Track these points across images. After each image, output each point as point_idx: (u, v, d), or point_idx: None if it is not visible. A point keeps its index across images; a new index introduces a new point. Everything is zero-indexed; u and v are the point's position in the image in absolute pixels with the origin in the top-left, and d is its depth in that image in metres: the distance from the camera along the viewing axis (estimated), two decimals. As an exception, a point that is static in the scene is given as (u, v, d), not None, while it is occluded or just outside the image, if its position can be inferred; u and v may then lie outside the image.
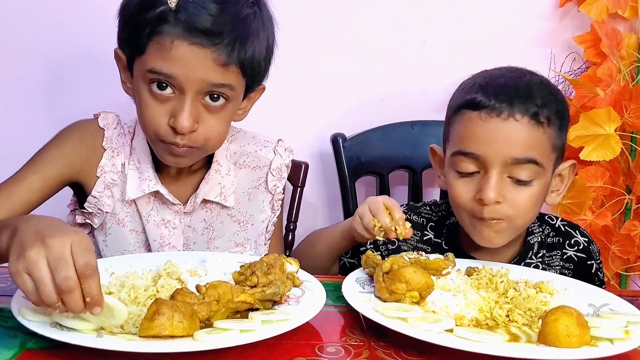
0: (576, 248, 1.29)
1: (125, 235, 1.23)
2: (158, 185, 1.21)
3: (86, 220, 1.23)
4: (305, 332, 0.89)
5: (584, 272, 1.28)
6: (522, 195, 1.14)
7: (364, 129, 1.73)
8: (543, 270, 1.26)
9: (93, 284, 0.76)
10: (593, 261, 1.29)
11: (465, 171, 1.16)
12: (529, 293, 0.99)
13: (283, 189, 1.35)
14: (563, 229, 1.31)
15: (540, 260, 1.28)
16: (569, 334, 0.83)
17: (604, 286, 1.29)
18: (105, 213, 1.21)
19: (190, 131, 1.09)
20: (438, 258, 1.06)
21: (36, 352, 0.80)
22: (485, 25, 1.79)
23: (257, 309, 0.91)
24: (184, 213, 1.24)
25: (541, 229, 1.30)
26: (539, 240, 1.29)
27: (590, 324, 0.86)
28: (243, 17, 1.08)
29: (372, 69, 1.78)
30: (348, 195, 1.69)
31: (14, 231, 0.82)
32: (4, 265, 0.81)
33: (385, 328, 0.86)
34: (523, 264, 1.26)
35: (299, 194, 1.63)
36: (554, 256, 1.29)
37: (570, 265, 1.29)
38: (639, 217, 1.80)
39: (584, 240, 1.30)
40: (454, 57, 1.77)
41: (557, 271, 1.27)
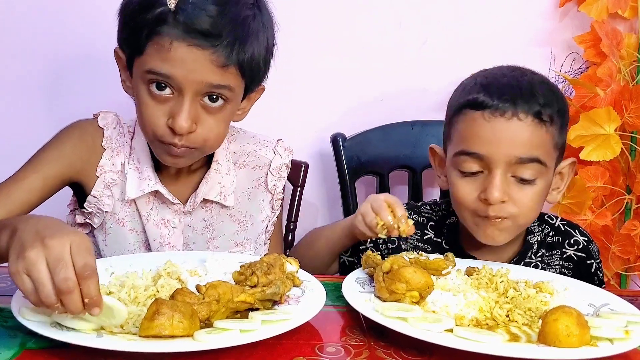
0: (576, 247, 1.29)
1: (125, 234, 1.23)
2: (158, 184, 1.21)
3: (86, 220, 1.23)
4: (305, 332, 0.89)
5: (584, 272, 1.28)
6: (526, 194, 1.14)
7: (364, 129, 1.73)
8: (542, 269, 1.26)
9: (92, 285, 0.76)
10: (593, 260, 1.29)
11: (468, 171, 1.16)
12: (529, 293, 0.99)
13: (283, 189, 1.35)
14: (563, 228, 1.31)
15: (539, 259, 1.28)
16: (569, 334, 0.83)
17: (604, 285, 1.29)
18: (105, 213, 1.21)
19: (189, 132, 1.09)
20: (438, 258, 1.06)
21: (36, 352, 0.80)
22: (485, 25, 1.79)
23: (257, 309, 0.91)
24: (184, 212, 1.24)
25: (540, 229, 1.30)
26: (539, 240, 1.29)
27: (590, 324, 0.86)
28: (242, 19, 1.08)
29: (372, 68, 1.78)
30: (348, 195, 1.69)
31: (14, 231, 0.82)
32: (3, 265, 0.81)
33: (385, 328, 0.86)
34: (523, 263, 1.26)
35: (299, 194, 1.63)
36: (554, 255, 1.29)
37: (570, 265, 1.29)
38: (639, 217, 1.80)
39: (584, 240, 1.30)
40: (454, 57, 1.77)
41: (557, 270, 1.28)
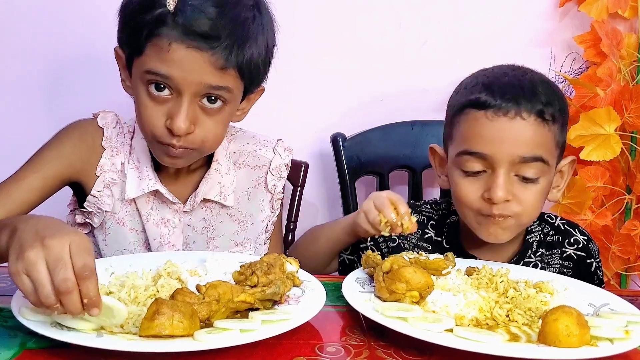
0: (576, 246, 1.29)
1: (125, 234, 1.23)
2: (157, 184, 1.21)
3: (86, 220, 1.23)
4: (305, 332, 0.89)
5: (584, 271, 1.29)
6: (530, 193, 1.15)
7: (364, 129, 1.73)
8: (542, 268, 1.26)
9: (90, 285, 0.76)
10: (592, 259, 1.30)
11: (471, 170, 1.16)
12: (529, 293, 0.99)
13: (283, 189, 1.35)
14: (562, 227, 1.31)
15: (539, 258, 1.28)
16: (569, 334, 0.83)
17: (603, 285, 1.30)
18: (105, 212, 1.21)
19: (187, 133, 1.09)
20: (438, 258, 1.07)
21: (36, 352, 0.80)
22: (485, 25, 1.79)
23: (257, 309, 0.91)
24: (184, 212, 1.24)
25: (540, 228, 1.30)
26: (538, 239, 1.29)
27: (590, 324, 0.86)
28: (242, 21, 1.08)
29: (372, 69, 1.78)
30: (348, 195, 1.69)
31: (14, 231, 0.82)
32: (3, 265, 0.81)
33: (385, 328, 0.86)
34: (522, 262, 1.26)
35: (299, 194, 1.63)
36: (554, 254, 1.29)
37: (570, 264, 1.29)
38: (639, 217, 1.80)
39: (584, 239, 1.30)
40: (454, 57, 1.77)
41: (557, 269, 1.28)
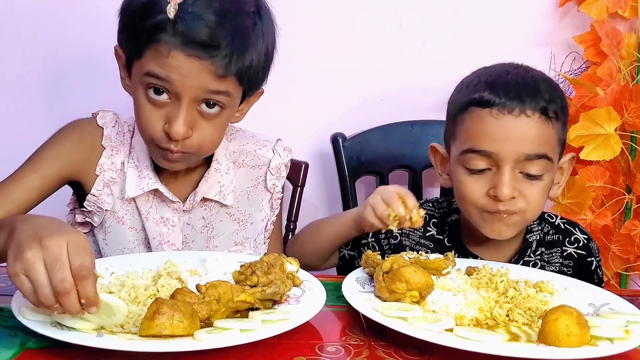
0: (576, 245, 1.29)
1: (124, 233, 1.23)
2: (157, 183, 1.21)
3: (86, 219, 1.23)
4: (306, 332, 0.89)
5: (584, 269, 1.29)
6: (535, 189, 1.15)
7: (364, 129, 1.73)
8: (542, 267, 1.26)
9: (88, 285, 0.76)
10: (593, 258, 1.30)
11: (475, 168, 1.16)
12: (529, 292, 0.99)
13: (282, 188, 1.35)
14: (563, 226, 1.31)
15: (539, 257, 1.28)
16: (569, 334, 0.83)
17: (603, 283, 1.30)
18: (104, 211, 1.21)
19: (184, 138, 1.09)
20: (438, 258, 1.07)
21: (36, 352, 0.80)
22: (485, 25, 1.79)
23: (257, 309, 0.91)
24: (183, 211, 1.24)
25: (540, 227, 1.31)
26: (538, 239, 1.29)
27: (590, 324, 0.86)
28: (242, 29, 1.07)
29: (372, 68, 1.78)
30: (348, 195, 1.69)
31: (12, 231, 0.82)
32: (3, 265, 0.81)
33: (386, 327, 0.86)
34: (522, 261, 1.26)
35: (299, 194, 1.63)
36: (554, 253, 1.29)
37: (570, 263, 1.29)
38: (639, 217, 1.80)
39: (584, 238, 1.30)
40: (454, 57, 1.77)
41: (557, 268, 1.28)
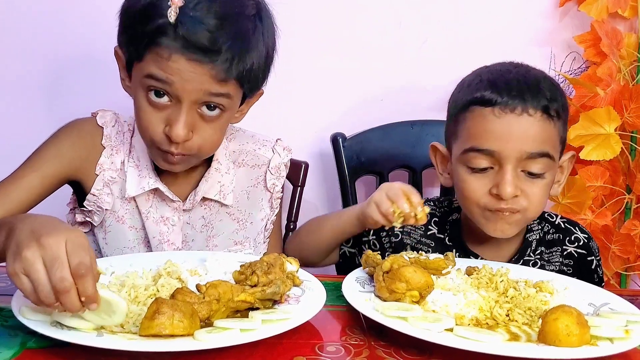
0: (576, 244, 1.29)
1: (124, 232, 1.23)
2: (157, 182, 1.21)
3: (86, 219, 1.23)
4: (306, 332, 0.89)
5: (584, 268, 1.29)
6: (537, 188, 1.16)
7: (364, 129, 1.73)
8: (542, 266, 1.26)
9: (87, 283, 0.76)
10: (593, 257, 1.30)
11: (478, 167, 1.16)
12: (529, 292, 0.99)
13: (282, 188, 1.35)
14: (563, 225, 1.32)
15: (538, 257, 1.28)
16: (569, 333, 0.83)
17: (603, 283, 1.30)
18: (104, 211, 1.21)
19: (185, 140, 1.09)
20: (438, 257, 1.07)
21: (36, 351, 0.80)
22: (485, 25, 1.79)
23: (257, 308, 0.91)
24: (183, 210, 1.25)
25: (540, 227, 1.31)
26: (538, 238, 1.29)
27: (590, 323, 0.86)
28: (243, 32, 1.07)
29: (372, 68, 1.78)
30: (348, 195, 1.69)
31: (12, 230, 0.82)
32: (3, 265, 0.81)
33: (386, 327, 0.86)
34: (522, 260, 1.27)
35: (299, 194, 1.63)
36: (554, 252, 1.29)
37: (570, 262, 1.29)
38: (639, 217, 1.80)
39: (584, 237, 1.30)
40: (454, 57, 1.77)
41: (557, 267, 1.28)
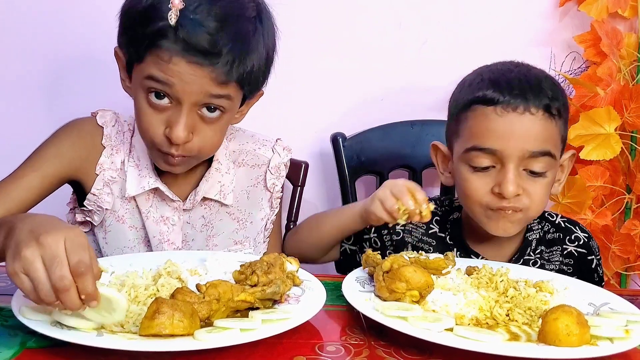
0: (577, 243, 1.29)
1: (124, 231, 1.23)
2: (158, 182, 1.21)
3: (86, 219, 1.23)
4: (306, 331, 0.89)
5: (584, 268, 1.29)
6: (538, 186, 1.16)
7: (364, 129, 1.73)
8: (542, 266, 1.27)
9: (86, 281, 0.76)
10: (593, 256, 1.30)
11: (480, 166, 1.16)
12: (529, 292, 0.99)
13: (282, 188, 1.35)
14: (563, 225, 1.32)
15: (538, 256, 1.28)
16: (569, 333, 0.83)
17: (604, 282, 1.30)
18: (104, 210, 1.21)
19: (185, 142, 1.09)
20: (438, 257, 1.07)
21: (36, 351, 0.80)
22: (485, 25, 1.79)
23: (257, 308, 0.91)
24: (183, 210, 1.25)
25: (540, 226, 1.31)
26: (538, 237, 1.29)
27: (590, 323, 0.86)
28: (243, 35, 1.07)
29: (372, 68, 1.78)
30: (348, 195, 1.69)
31: (11, 230, 0.82)
32: (3, 264, 0.81)
33: (386, 327, 0.86)
34: (523, 259, 1.27)
35: (299, 194, 1.63)
36: (554, 252, 1.29)
37: (570, 261, 1.29)
38: (639, 217, 1.80)
39: (584, 236, 1.30)
40: (454, 57, 1.77)
41: (557, 267, 1.28)
